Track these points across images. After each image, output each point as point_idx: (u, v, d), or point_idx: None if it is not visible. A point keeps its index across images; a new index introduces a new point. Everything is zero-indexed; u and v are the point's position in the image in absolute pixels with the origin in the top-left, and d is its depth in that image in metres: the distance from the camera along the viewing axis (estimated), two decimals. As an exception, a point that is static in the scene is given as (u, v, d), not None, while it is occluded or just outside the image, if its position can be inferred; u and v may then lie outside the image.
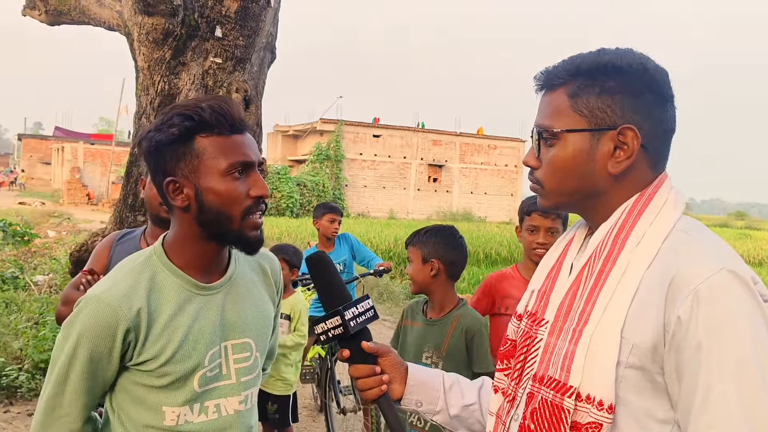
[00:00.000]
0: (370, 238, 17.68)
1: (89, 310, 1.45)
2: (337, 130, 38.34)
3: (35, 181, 48.31)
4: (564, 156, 1.21)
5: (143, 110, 6.01)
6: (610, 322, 1.10)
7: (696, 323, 1.03)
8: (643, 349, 1.08)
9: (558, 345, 1.17)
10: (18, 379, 5.38)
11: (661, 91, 1.20)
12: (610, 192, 1.22)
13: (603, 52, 1.22)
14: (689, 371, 1.03)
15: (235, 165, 1.48)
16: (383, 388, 1.44)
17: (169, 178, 1.49)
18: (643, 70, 1.19)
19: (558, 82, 1.23)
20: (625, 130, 1.17)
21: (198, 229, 1.53)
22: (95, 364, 1.47)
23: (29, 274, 9.62)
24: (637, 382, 1.09)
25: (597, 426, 1.09)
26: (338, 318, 1.43)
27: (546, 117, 1.24)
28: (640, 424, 1.10)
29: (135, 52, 6.05)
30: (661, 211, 1.17)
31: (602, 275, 1.15)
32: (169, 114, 1.49)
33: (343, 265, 5.33)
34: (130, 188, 6.18)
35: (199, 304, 1.56)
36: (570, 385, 1.11)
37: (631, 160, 1.18)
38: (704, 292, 1.03)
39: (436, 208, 40.98)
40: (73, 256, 6.72)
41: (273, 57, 6.57)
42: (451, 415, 1.50)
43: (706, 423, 1.01)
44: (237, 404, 1.62)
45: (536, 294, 1.33)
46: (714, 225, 52.61)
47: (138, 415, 1.53)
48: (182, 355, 1.51)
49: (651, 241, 1.14)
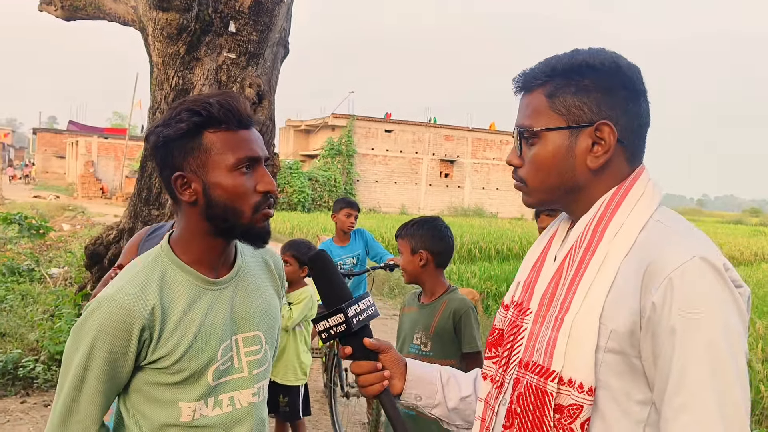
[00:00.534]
0: (381, 233, 17.69)
1: (103, 311, 1.45)
2: (349, 125, 38.34)
3: (49, 175, 48.69)
4: (545, 154, 1.27)
5: (157, 105, 6.06)
6: (590, 309, 1.15)
7: (670, 308, 1.08)
8: (621, 334, 1.13)
9: (542, 332, 1.22)
10: (34, 371, 5.45)
11: (635, 87, 1.26)
12: (589, 186, 1.27)
13: (577, 53, 1.27)
14: (664, 354, 1.08)
15: (243, 160, 1.49)
16: (385, 384, 1.46)
17: (178, 173, 1.50)
18: (616, 68, 1.24)
19: (535, 83, 1.29)
20: (601, 126, 1.23)
21: (205, 224, 1.53)
22: (112, 366, 1.46)
23: (45, 267, 9.71)
24: (616, 366, 1.14)
25: (578, 407, 1.14)
26: (341, 315, 1.43)
27: (526, 117, 1.30)
28: (620, 406, 1.14)
29: (149, 47, 6.10)
30: (638, 203, 1.22)
31: (582, 265, 1.21)
32: (177, 109, 1.50)
33: (357, 258, 5.49)
34: (145, 182, 6.24)
35: (209, 299, 1.56)
36: (552, 369, 1.17)
37: (609, 155, 1.24)
38: (677, 278, 1.08)
39: (448, 204, 40.94)
40: (88, 249, 6.79)
41: (286, 52, 6.59)
42: (449, 408, 1.54)
43: (680, 403, 1.06)
44: (250, 396, 1.63)
45: (522, 285, 1.38)
46: (728, 222, 52.26)
47: (154, 414, 1.54)
48: (196, 350, 1.52)
49: (628, 231, 1.19)
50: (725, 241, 24.55)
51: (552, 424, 1.16)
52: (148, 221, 6.17)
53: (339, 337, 1.46)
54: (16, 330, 6.38)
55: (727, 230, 33.93)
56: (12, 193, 30.99)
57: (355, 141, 38.53)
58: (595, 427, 1.16)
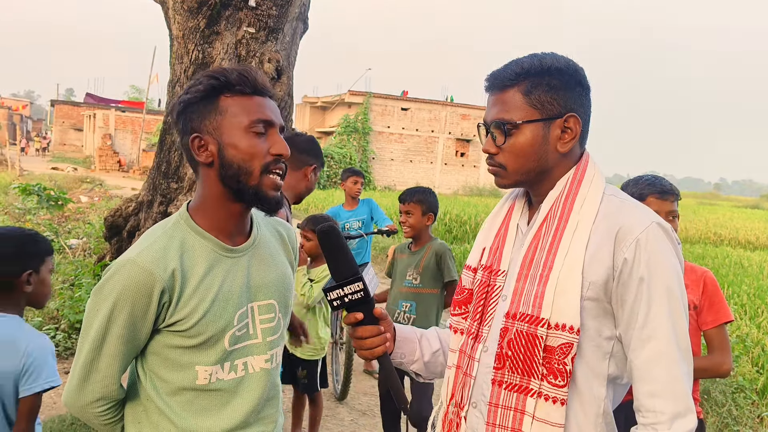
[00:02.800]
0: (396, 210, 17.64)
1: (124, 273, 1.48)
2: (365, 102, 38.19)
3: (67, 147, 49.00)
4: (524, 142, 1.51)
5: (177, 78, 6.08)
6: (572, 266, 1.42)
7: (638, 263, 1.39)
8: (597, 285, 1.41)
9: (527, 288, 1.47)
10: (55, 338, 5.57)
11: (586, 84, 1.54)
12: (555, 168, 1.54)
13: (542, 57, 1.52)
14: (633, 298, 1.40)
15: (256, 122, 1.54)
16: (387, 346, 1.60)
17: (195, 134, 1.55)
18: (574, 70, 1.52)
19: (509, 83, 1.52)
20: (569, 117, 1.50)
21: (221, 187, 1.57)
22: (132, 327, 1.51)
23: (64, 238, 9.84)
24: (592, 310, 1.43)
25: (569, 345, 1.40)
26: (359, 283, 1.49)
27: (504, 112, 1.52)
28: (593, 341, 1.44)
29: (170, 20, 6.11)
30: (593, 181, 1.51)
31: (558, 232, 1.48)
32: (198, 78, 1.58)
33: (362, 222, 6.22)
34: (164, 156, 6.28)
35: (226, 266, 1.60)
36: (542, 317, 1.42)
37: (576, 141, 1.52)
38: (643, 239, 1.39)
39: (463, 183, 40.82)
40: (108, 221, 6.88)
41: (305, 27, 6.58)
42: (424, 362, 1.76)
43: (647, 334, 1.38)
44: (263, 362, 1.68)
45: (489, 250, 1.64)
46: (745, 207, 51.66)
47: (171, 376, 1.58)
48: (213, 314, 1.56)
49: (591, 203, 1.47)
50: (741, 226, 24.25)
51: (540, 362, 1.42)
52: (167, 194, 6.23)
53: (348, 305, 1.52)
54: (36, 298, 6.49)
55: (744, 215, 33.54)
56: (30, 165, 31.27)
57: (371, 119, 38.40)
58: (575, 360, 1.42)
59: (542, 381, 1.42)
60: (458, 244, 14.72)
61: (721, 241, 20.70)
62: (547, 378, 1.42)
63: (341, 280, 1.49)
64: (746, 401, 5.40)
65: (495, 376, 1.49)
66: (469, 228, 16.43)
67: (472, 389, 1.57)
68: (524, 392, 1.44)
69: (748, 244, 20.26)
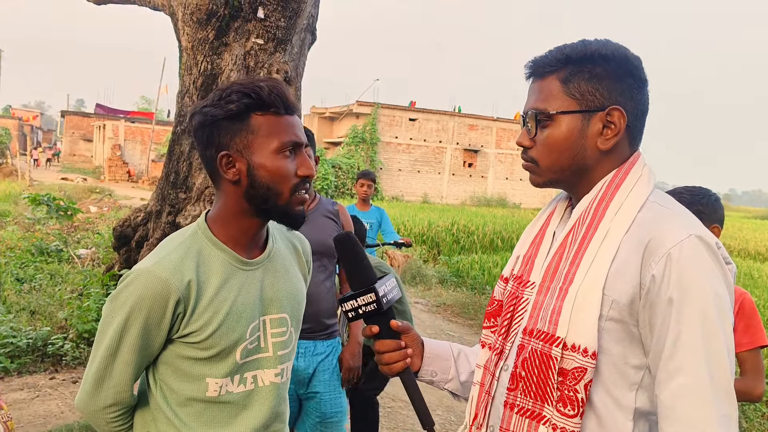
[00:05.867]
0: (404, 221, 17.69)
1: (141, 282, 1.48)
2: (373, 113, 38.25)
3: (76, 158, 49.28)
4: (558, 135, 1.34)
5: (186, 89, 6.11)
6: (593, 281, 1.24)
7: (668, 281, 1.18)
8: (621, 304, 1.22)
9: (546, 302, 1.31)
10: (63, 348, 5.58)
11: (640, 76, 1.34)
12: (595, 167, 1.35)
13: (588, 43, 1.35)
14: (661, 322, 1.19)
15: (287, 144, 1.54)
16: (408, 362, 1.50)
17: (224, 152, 1.54)
18: (624, 58, 1.33)
19: (549, 70, 1.36)
20: (612, 110, 1.31)
21: (245, 204, 1.57)
22: (146, 336, 1.50)
23: (73, 248, 9.89)
24: (616, 333, 1.24)
25: (582, 370, 1.23)
26: (372, 294, 1.43)
27: (540, 101, 1.36)
28: (618, 369, 1.25)
29: (179, 32, 6.15)
30: (636, 185, 1.31)
31: (585, 241, 1.30)
32: (227, 91, 1.54)
33: (370, 225, 6.37)
34: (173, 166, 6.31)
35: (241, 278, 1.60)
36: (557, 336, 1.25)
37: (619, 137, 1.32)
38: (676, 254, 1.18)
39: (471, 194, 40.75)
40: (116, 231, 6.90)
41: (313, 38, 6.61)
42: (461, 381, 1.61)
43: (675, 366, 1.17)
44: (273, 376, 1.67)
45: (521, 259, 1.47)
46: (755, 217, 51.36)
47: (181, 387, 1.58)
48: (227, 328, 1.55)
49: (627, 210, 1.28)
50: (751, 237, 24.09)
51: (555, 386, 1.25)
52: (176, 204, 6.25)
53: (365, 317, 1.47)
54: (45, 308, 6.53)
55: (754, 225, 33.32)
56: (40, 175, 31.47)
57: (379, 129, 38.43)
58: (595, 388, 1.25)
59: (555, 408, 1.26)
60: (466, 254, 14.69)
61: (731, 252, 20.53)
62: (556, 405, 1.25)
63: (356, 290, 1.47)
64: (756, 413, 5.36)
65: (507, 398, 1.34)
66: (477, 239, 16.41)
67: (490, 409, 1.41)
68: (536, 419, 1.28)
69: (758, 255, 20.10)
